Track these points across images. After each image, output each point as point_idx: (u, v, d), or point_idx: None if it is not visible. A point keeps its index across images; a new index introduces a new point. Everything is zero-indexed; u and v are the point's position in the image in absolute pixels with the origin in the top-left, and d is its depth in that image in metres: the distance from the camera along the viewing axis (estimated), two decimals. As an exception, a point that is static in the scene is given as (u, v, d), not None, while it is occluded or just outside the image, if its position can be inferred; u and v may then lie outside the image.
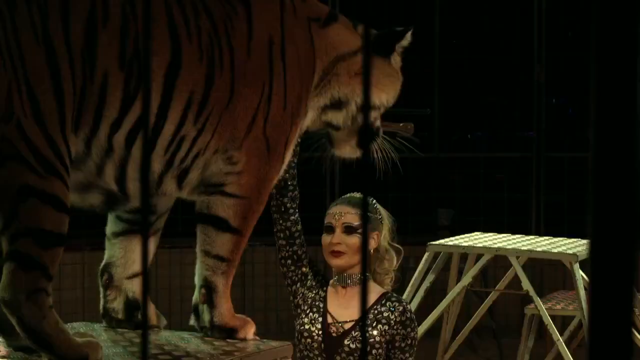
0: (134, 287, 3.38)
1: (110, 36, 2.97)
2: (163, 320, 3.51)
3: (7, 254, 2.89)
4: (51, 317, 2.91)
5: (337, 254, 4.01)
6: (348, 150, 3.56)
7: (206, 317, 3.32)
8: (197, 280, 3.36)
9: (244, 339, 3.30)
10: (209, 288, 3.31)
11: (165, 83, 3.03)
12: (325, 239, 4.04)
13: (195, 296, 3.39)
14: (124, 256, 3.36)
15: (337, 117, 3.40)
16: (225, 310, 3.31)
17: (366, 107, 1.37)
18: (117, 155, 3.02)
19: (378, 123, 3.46)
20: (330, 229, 4.03)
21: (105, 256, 3.40)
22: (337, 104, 3.36)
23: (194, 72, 3.08)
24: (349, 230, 4.00)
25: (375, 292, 4.02)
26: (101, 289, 3.40)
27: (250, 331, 3.36)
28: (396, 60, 3.49)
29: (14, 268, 2.86)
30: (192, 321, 3.41)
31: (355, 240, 3.99)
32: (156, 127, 3.06)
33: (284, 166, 3.42)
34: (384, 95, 3.39)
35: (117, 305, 3.36)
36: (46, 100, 2.86)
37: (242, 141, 3.21)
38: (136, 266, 3.37)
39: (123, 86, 2.98)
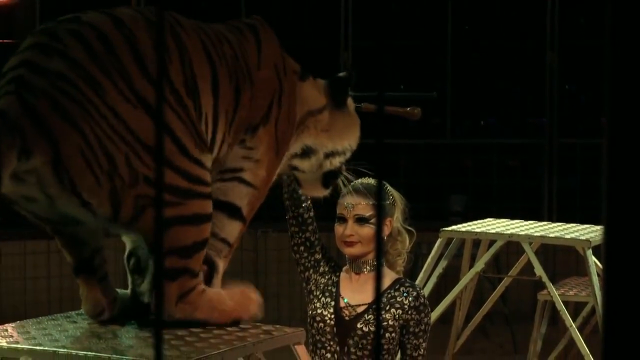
0: None
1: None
2: None
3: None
4: (201, 301, 3.07)
5: (350, 243, 4.03)
6: (315, 191, 3.75)
7: None
8: None
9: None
10: (212, 265, 3.27)
11: (214, 106, 3.13)
12: (338, 229, 4.06)
13: None
14: None
15: (303, 164, 3.59)
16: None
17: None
18: None
19: (339, 164, 3.67)
20: (343, 220, 4.05)
21: (128, 245, 3.35)
22: (305, 153, 3.57)
23: (227, 94, 3.19)
24: (361, 221, 4.02)
25: (388, 277, 4.04)
26: (129, 276, 3.36)
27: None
28: (350, 102, 3.66)
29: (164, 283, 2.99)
30: None
31: (367, 230, 4.01)
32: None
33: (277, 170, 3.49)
34: (347, 142, 3.64)
35: (144, 287, 3.30)
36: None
37: (257, 128, 3.27)
38: None
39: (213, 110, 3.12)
